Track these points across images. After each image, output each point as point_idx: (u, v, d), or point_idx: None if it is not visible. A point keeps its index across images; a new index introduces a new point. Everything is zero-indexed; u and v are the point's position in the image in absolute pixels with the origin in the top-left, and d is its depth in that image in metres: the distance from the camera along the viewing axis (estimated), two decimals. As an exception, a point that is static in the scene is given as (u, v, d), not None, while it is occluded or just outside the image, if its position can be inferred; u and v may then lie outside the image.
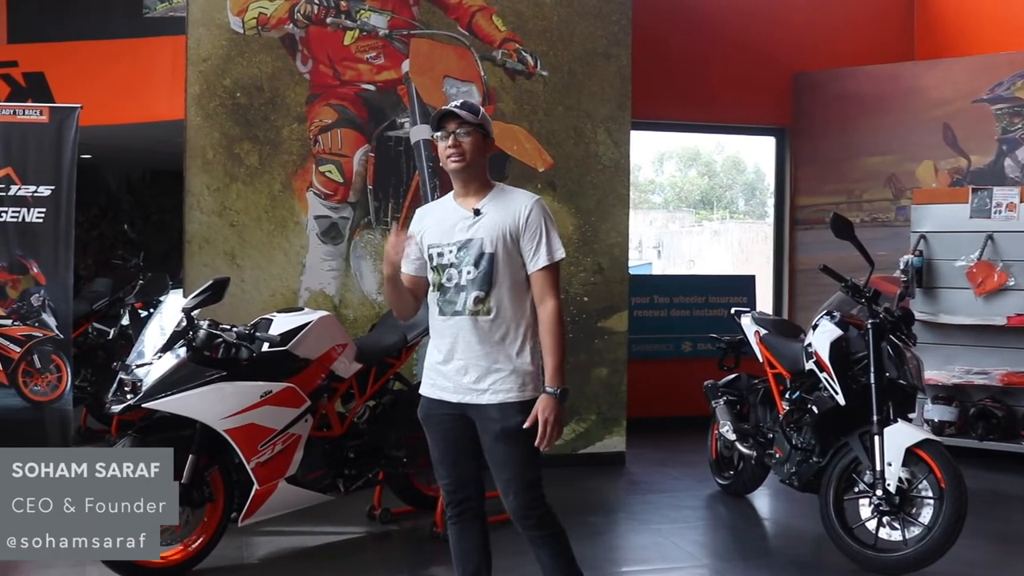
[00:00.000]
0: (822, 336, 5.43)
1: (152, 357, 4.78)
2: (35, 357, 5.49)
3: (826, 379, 5.34)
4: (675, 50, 8.67)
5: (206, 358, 4.76)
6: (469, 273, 3.57)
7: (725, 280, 9.78)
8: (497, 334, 3.57)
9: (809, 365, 5.55)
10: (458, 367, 3.61)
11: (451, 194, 3.74)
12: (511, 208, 3.60)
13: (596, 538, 5.67)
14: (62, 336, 5.50)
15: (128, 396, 4.71)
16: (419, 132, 6.70)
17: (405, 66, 6.73)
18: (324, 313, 5.23)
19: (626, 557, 5.56)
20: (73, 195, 5.45)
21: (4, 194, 5.45)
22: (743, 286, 9.19)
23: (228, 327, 4.84)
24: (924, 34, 9.40)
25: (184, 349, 4.74)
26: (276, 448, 4.86)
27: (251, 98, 6.44)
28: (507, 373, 3.56)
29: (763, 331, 6.23)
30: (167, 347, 4.76)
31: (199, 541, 4.87)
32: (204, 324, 4.77)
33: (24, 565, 5.03)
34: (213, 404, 4.67)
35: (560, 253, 3.60)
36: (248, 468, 4.78)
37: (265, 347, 4.87)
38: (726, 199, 33.74)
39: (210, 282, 4.84)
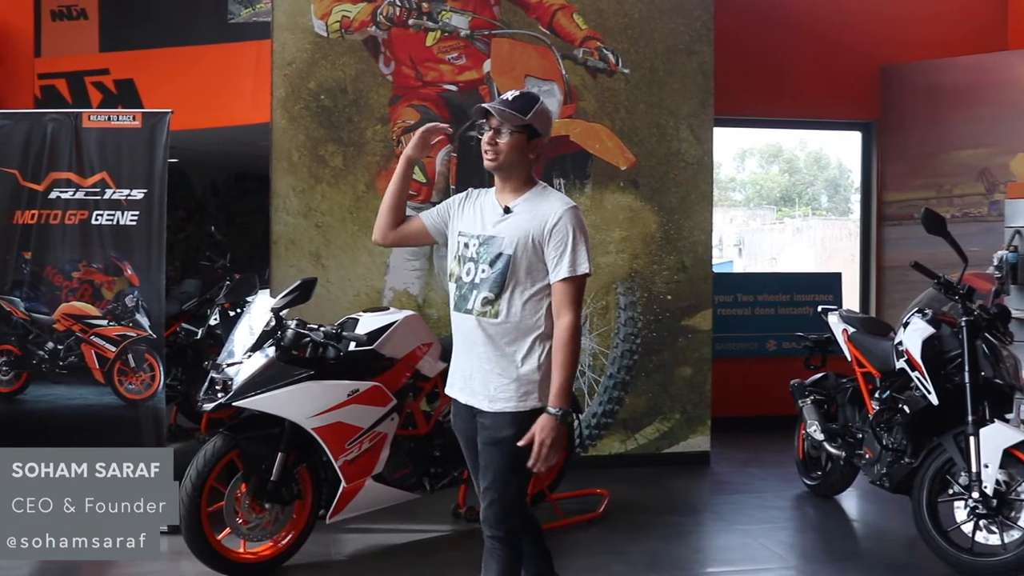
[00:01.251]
0: (914, 334, 5.31)
1: (242, 356, 4.87)
2: (129, 356, 5.61)
3: (918, 378, 5.21)
4: (758, 44, 8.54)
5: (294, 357, 4.83)
6: (483, 272, 3.41)
7: (810, 278, 9.62)
8: (503, 339, 3.39)
9: (900, 364, 5.42)
10: (464, 367, 3.50)
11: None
12: (540, 212, 3.40)
13: (682, 538, 5.62)
14: (155, 336, 5.61)
15: (219, 395, 4.81)
16: (501, 132, 6.70)
17: (487, 66, 6.75)
18: (409, 312, 5.27)
19: (713, 557, 5.50)
20: (165, 198, 5.56)
21: (99, 198, 5.59)
22: (829, 284, 9.03)
23: (315, 327, 4.91)
24: (1018, 22, 9.11)
25: (273, 348, 4.82)
26: (363, 446, 4.91)
27: (335, 100, 6.52)
28: (508, 381, 3.38)
29: (851, 329, 6.11)
30: (256, 346, 4.84)
31: (288, 537, 4.94)
32: (292, 324, 4.84)
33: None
34: (301, 403, 4.74)
35: (584, 267, 3.37)
36: (336, 466, 4.83)
37: (352, 346, 4.92)
38: (808, 196, 33.22)
39: (298, 282, 4.92)
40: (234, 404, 4.78)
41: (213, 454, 4.73)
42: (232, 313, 7.77)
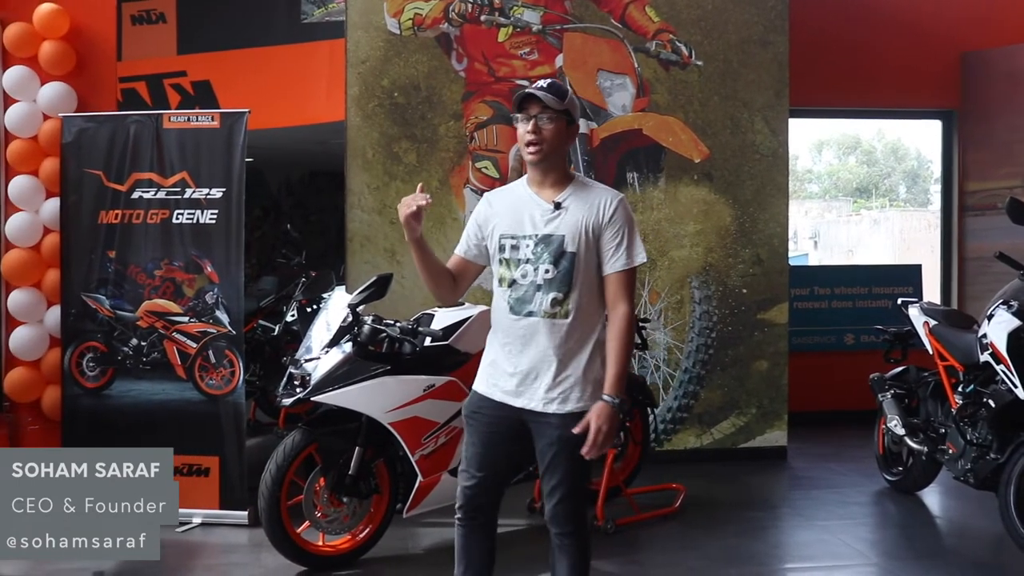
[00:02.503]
0: (998, 327, 5.17)
1: (319, 352, 4.93)
2: (210, 352, 5.71)
3: (1004, 372, 5.08)
4: (834, 33, 8.40)
5: (371, 353, 4.87)
6: (548, 272, 3.32)
7: (889, 270, 9.46)
8: (573, 339, 3.33)
9: (984, 357, 5.29)
10: (526, 371, 3.37)
11: (523, 180, 3.49)
12: (594, 203, 3.34)
13: (760, 533, 5.56)
14: (234, 332, 5.71)
15: (297, 390, 4.87)
16: (573, 126, 6.69)
17: (559, 61, 6.74)
18: (484, 308, 5.27)
19: (792, 553, 5.43)
20: (243, 197, 5.65)
21: (180, 197, 5.70)
22: (908, 276, 8.85)
23: (391, 322, 4.95)
24: (1105, 5, 8.83)
25: (350, 344, 4.87)
26: (439, 441, 4.94)
27: (408, 97, 6.57)
28: (575, 381, 3.33)
29: (933, 322, 5.98)
30: (333, 342, 4.89)
31: (366, 531, 5.00)
32: (368, 320, 4.89)
33: (204, 550, 5.27)
34: (378, 398, 4.78)
35: (641, 257, 3.35)
36: (412, 460, 4.87)
37: (427, 342, 4.95)
38: (885, 186, 32.60)
39: (374, 278, 4.96)
40: (312, 399, 4.84)
41: (292, 448, 4.80)
42: (309, 309, 7.88)
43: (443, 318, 5.08)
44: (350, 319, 4.88)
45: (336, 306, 5.05)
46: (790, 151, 7.13)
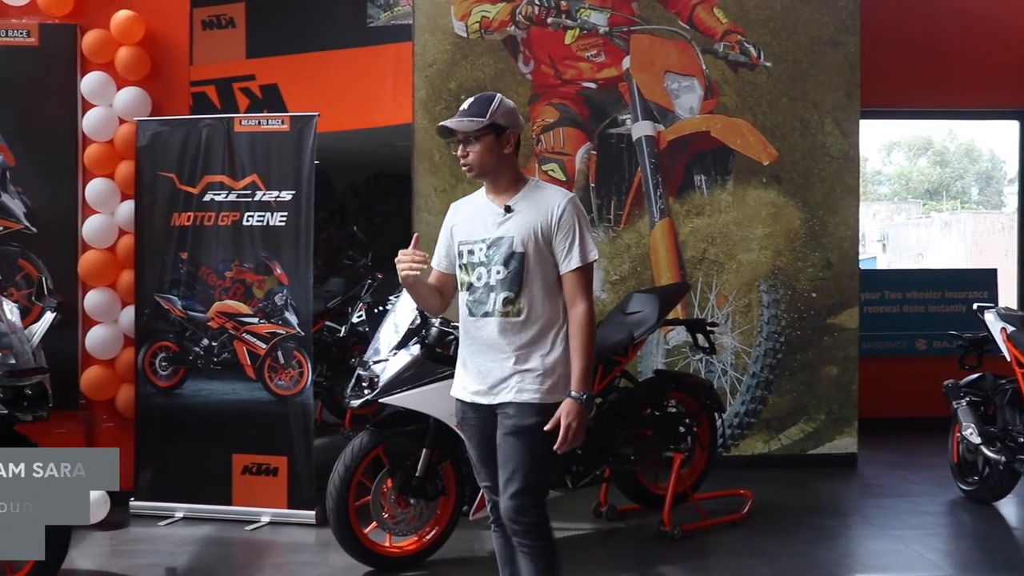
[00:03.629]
0: (1081, 333, 5.03)
1: (387, 354, 4.95)
2: (279, 353, 5.77)
3: (1086, 380, 4.94)
4: (906, 32, 8.23)
5: (438, 355, 4.88)
6: (499, 273, 3.42)
7: (963, 274, 9.29)
8: (527, 336, 3.41)
9: (1066, 364, 5.15)
10: (486, 369, 3.47)
11: (483, 188, 3.58)
12: (543, 206, 3.42)
13: (830, 541, 5.48)
14: (303, 333, 5.76)
15: (365, 392, 4.91)
16: (641, 129, 6.68)
17: (626, 63, 6.71)
18: (550, 311, 5.26)
19: (863, 563, 5.34)
20: (312, 199, 5.70)
21: (250, 199, 5.77)
22: (983, 280, 8.66)
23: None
24: None
25: (417, 346, 4.88)
26: (506, 444, 4.92)
27: (475, 100, 6.57)
28: (536, 374, 3.40)
29: (1011, 328, 5.84)
30: (401, 344, 4.92)
31: (432, 533, 5.01)
32: (436, 322, 4.89)
33: (272, 548, 5.33)
34: (445, 400, 4.74)
35: (593, 254, 3.43)
36: (479, 463, 4.86)
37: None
38: (956, 188, 31.95)
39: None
40: (380, 401, 4.87)
41: (360, 450, 4.83)
42: (376, 311, 7.93)
43: (510, 321, 5.07)
44: (418, 321, 4.89)
45: (404, 308, 5.07)
46: (860, 153, 7.02)
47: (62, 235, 6.00)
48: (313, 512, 5.64)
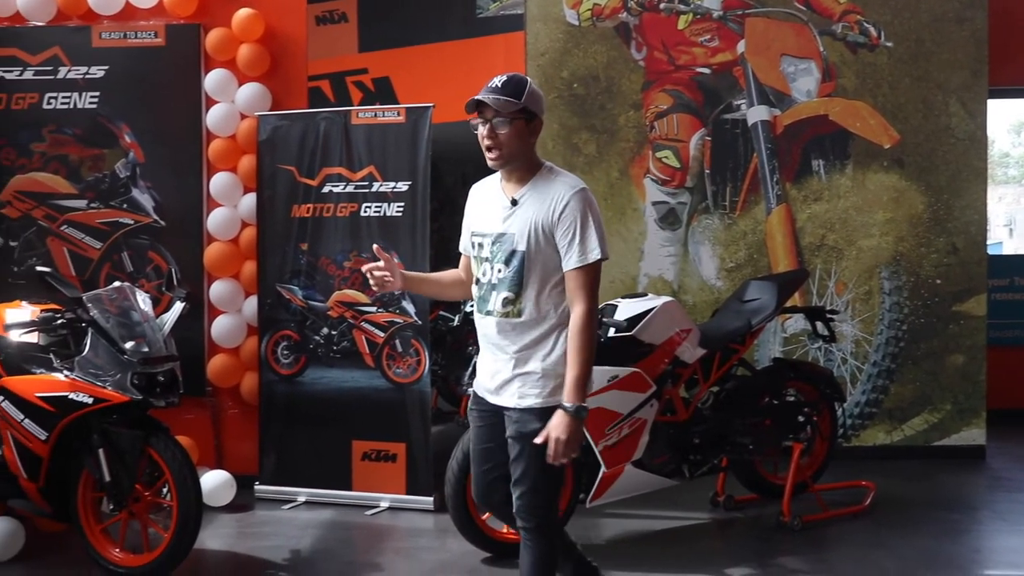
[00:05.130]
0: None
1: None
2: (397, 342, 5.86)
3: None
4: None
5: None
6: (500, 271, 3.28)
7: (1097, 259, 8.85)
8: (528, 338, 3.27)
9: None
10: (490, 368, 3.39)
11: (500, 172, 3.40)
12: (547, 199, 3.21)
13: (958, 536, 5.31)
14: (420, 322, 5.84)
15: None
16: (756, 113, 6.57)
17: (741, 47, 6.61)
18: (668, 298, 5.22)
19: (994, 559, 5.16)
20: (428, 190, 5.77)
21: (367, 191, 5.87)
22: (1121, 266, 8.29)
23: (575, 313, 4.94)
24: None
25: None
26: (623, 432, 4.91)
27: (588, 88, 6.57)
28: (537, 377, 3.27)
29: None
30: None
31: (550, 520, 5.02)
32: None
33: (392, 533, 5.41)
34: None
35: (596, 254, 3.18)
36: (596, 451, 4.86)
37: (611, 332, 4.93)
38: (1087, 170, 30.57)
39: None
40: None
41: (478, 437, 4.86)
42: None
43: (627, 309, 5.05)
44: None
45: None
46: (988, 134, 6.77)
47: (188, 228, 6.21)
48: (431, 498, 5.72)
